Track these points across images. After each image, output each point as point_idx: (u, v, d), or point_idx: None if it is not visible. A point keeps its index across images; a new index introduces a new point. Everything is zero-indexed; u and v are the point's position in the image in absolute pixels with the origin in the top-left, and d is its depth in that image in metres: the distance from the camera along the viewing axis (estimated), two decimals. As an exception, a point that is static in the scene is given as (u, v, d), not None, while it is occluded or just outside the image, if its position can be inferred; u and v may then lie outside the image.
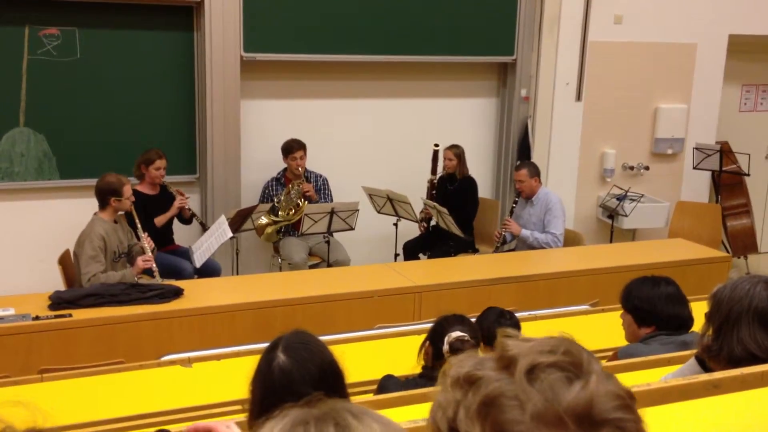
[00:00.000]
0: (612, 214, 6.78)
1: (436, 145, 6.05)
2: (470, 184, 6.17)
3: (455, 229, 5.68)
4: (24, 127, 5.51)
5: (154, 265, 4.60)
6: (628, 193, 6.72)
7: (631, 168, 7.25)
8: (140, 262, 4.56)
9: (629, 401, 0.90)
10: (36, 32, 5.43)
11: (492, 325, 3.10)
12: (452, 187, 6.12)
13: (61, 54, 5.51)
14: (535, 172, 5.86)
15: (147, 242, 4.68)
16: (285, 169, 5.97)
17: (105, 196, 4.63)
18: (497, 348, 0.95)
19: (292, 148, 5.83)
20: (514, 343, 0.94)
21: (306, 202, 5.75)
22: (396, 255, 6.02)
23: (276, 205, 5.80)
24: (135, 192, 5.33)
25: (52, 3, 5.39)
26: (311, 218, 5.39)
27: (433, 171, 6.07)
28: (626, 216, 6.68)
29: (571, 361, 0.91)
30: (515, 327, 3.14)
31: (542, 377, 0.89)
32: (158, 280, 4.55)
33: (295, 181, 5.85)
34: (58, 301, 4.05)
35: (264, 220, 5.76)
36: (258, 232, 5.80)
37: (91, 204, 4.74)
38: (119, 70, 5.68)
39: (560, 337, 0.96)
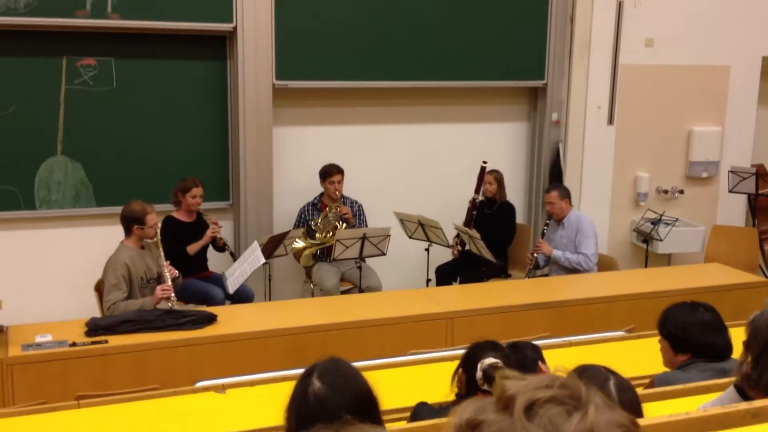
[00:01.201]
0: (646, 238, 6.71)
1: (485, 162, 6.02)
2: (509, 209, 6.17)
3: (487, 254, 5.66)
4: (61, 156, 5.62)
5: (173, 295, 4.58)
6: (663, 217, 6.65)
7: (665, 192, 7.18)
8: (158, 291, 4.54)
9: (633, 429, 0.90)
10: (73, 63, 5.55)
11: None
12: (490, 211, 6.11)
13: (98, 84, 5.63)
14: (566, 194, 5.84)
15: (169, 270, 4.68)
16: (321, 194, 6.02)
17: (129, 223, 4.69)
18: (496, 389, 0.95)
19: (331, 172, 5.88)
20: (511, 382, 0.94)
21: (344, 224, 5.78)
22: (428, 280, 6.01)
23: (313, 228, 5.85)
24: (171, 219, 5.43)
25: (89, 34, 5.51)
26: (343, 244, 5.41)
27: (477, 190, 6.05)
28: (661, 240, 6.61)
29: (569, 393, 0.91)
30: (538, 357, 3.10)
31: (541, 413, 0.89)
32: (173, 305, 4.54)
33: (333, 204, 5.89)
34: (94, 328, 4.10)
35: (301, 244, 5.81)
36: (295, 256, 5.84)
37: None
38: (154, 98, 5.78)
39: (557, 375, 0.96)
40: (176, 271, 4.78)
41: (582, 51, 6.79)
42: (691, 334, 2.95)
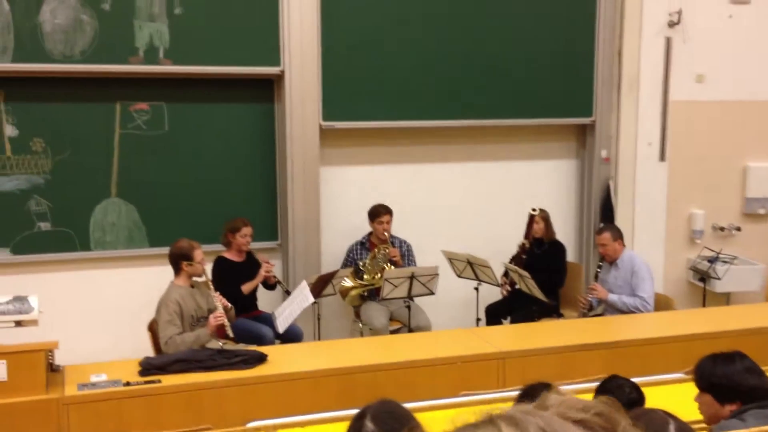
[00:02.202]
0: (703, 276, 6.54)
1: (533, 210, 5.98)
2: (558, 248, 6.08)
3: (538, 293, 5.58)
4: (115, 198, 5.73)
5: (227, 321, 4.64)
6: (720, 255, 6.49)
7: (722, 229, 7.02)
8: (212, 319, 4.63)
9: None
10: (127, 107, 5.69)
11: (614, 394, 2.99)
12: (539, 251, 6.03)
13: (151, 128, 5.75)
14: (618, 234, 5.73)
15: (219, 300, 4.74)
16: (370, 233, 6.02)
17: (177, 260, 4.76)
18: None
19: (379, 213, 5.89)
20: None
21: (392, 266, 5.77)
22: (477, 319, 5.94)
23: (361, 268, 5.85)
24: (222, 259, 5.49)
25: (143, 80, 5.65)
26: (391, 283, 5.39)
27: (526, 236, 6.00)
28: (719, 279, 6.43)
29: (603, 424, 0.87)
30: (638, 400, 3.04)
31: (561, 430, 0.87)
32: (230, 334, 4.57)
33: (381, 245, 5.90)
34: (147, 367, 4.13)
35: (349, 283, 5.81)
36: (342, 295, 5.84)
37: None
38: (205, 141, 5.88)
39: (600, 403, 0.93)
40: (228, 303, 4.82)
41: (630, 87, 6.73)
42: (737, 381, 2.91)
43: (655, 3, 6.67)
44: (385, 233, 5.88)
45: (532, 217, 5.96)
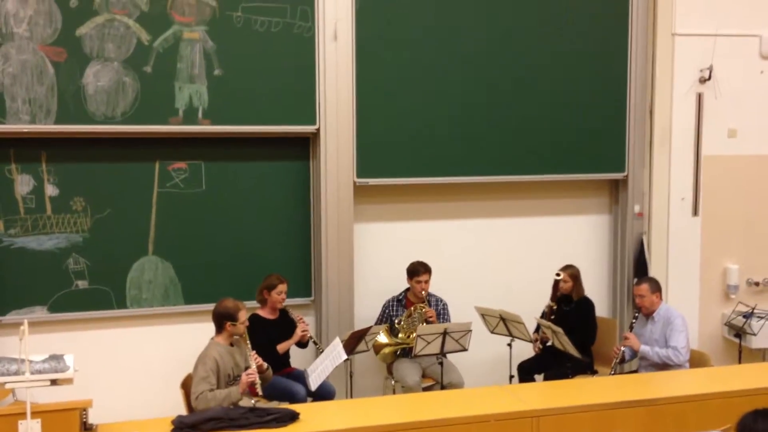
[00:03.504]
0: (739, 332, 6.45)
1: (558, 274, 5.98)
2: (587, 305, 6.03)
3: (572, 350, 5.53)
4: (152, 256, 5.83)
5: (258, 379, 4.65)
6: (755, 311, 6.40)
7: (757, 284, 6.92)
8: (244, 377, 4.66)
9: None
10: (165, 167, 5.82)
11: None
12: (568, 309, 6.00)
13: (188, 186, 5.87)
14: (656, 287, 5.70)
15: (254, 359, 4.77)
16: (407, 290, 6.04)
17: (222, 320, 4.80)
18: None
19: (419, 272, 5.91)
20: None
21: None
22: (511, 376, 5.89)
23: (396, 326, 5.86)
24: (256, 317, 5.52)
25: (182, 140, 5.80)
26: (424, 339, 5.38)
27: (553, 298, 5.99)
28: (755, 335, 6.34)
29: None
30: None
31: None
32: (260, 392, 4.58)
33: (418, 304, 5.91)
34: (180, 426, 4.14)
35: (384, 339, 5.81)
36: (375, 351, 5.84)
37: (214, 328, 4.91)
38: (241, 199, 5.98)
39: None
40: (264, 363, 4.83)
41: (663, 142, 6.75)
42: None
43: (687, 59, 6.72)
44: (423, 292, 5.90)
45: (557, 282, 5.95)
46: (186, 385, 4.93)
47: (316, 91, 5.90)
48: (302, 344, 5.71)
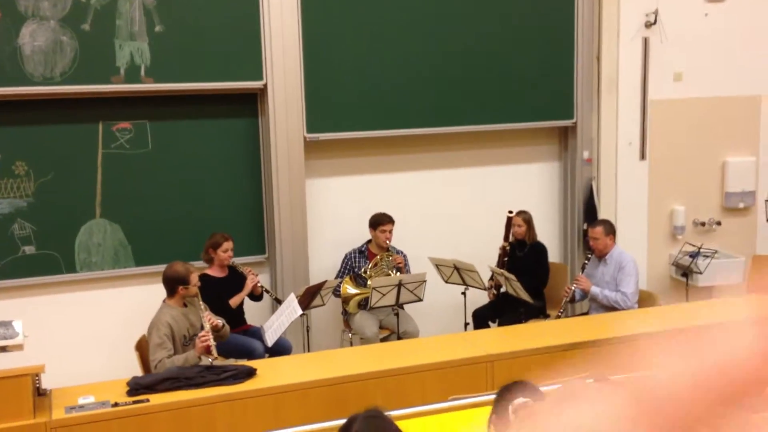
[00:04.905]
0: (686, 272, 6.61)
1: (510, 212, 6.04)
2: (540, 249, 6.13)
3: (524, 295, 5.62)
4: (100, 219, 5.74)
5: (211, 340, 4.58)
6: (701, 250, 6.56)
7: (702, 224, 7.09)
8: (198, 341, 4.59)
9: None
10: (109, 127, 5.70)
11: None
12: (522, 253, 6.08)
13: (134, 146, 5.76)
14: (611, 230, 5.81)
15: (207, 320, 4.68)
16: (368, 242, 6.05)
17: (173, 284, 4.74)
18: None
19: (382, 221, 5.94)
20: None
21: (397, 273, 5.82)
22: (466, 324, 5.97)
23: (364, 275, 5.88)
24: (205, 276, 5.47)
25: (125, 99, 5.67)
26: (379, 291, 5.42)
27: (506, 238, 6.05)
28: (701, 273, 6.51)
29: None
30: None
31: None
32: (214, 355, 4.55)
33: (384, 253, 5.93)
34: (135, 387, 4.13)
35: (353, 290, 5.84)
36: (343, 302, 5.90)
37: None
38: (188, 158, 5.89)
39: None
40: (218, 321, 4.79)
41: (610, 88, 6.80)
42: None
43: (633, 3, 6.74)
44: (387, 242, 5.93)
45: (509, 219, 6.02)
46: (141, 347, 4.90)
47: (261, 45, 5.79)
48: (256, 297, 5.69)
